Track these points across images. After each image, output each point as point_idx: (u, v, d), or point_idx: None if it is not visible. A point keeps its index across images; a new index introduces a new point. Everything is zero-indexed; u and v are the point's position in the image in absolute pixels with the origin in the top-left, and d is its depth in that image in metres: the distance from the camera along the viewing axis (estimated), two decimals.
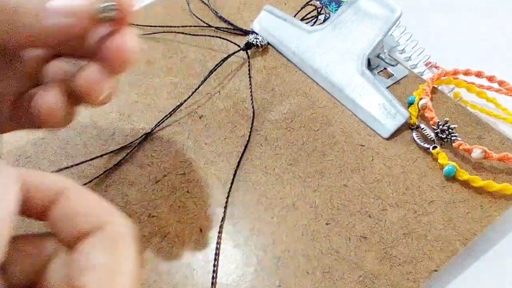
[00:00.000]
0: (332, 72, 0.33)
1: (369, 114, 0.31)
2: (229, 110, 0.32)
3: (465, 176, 0.27)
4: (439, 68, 0.35)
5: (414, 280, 0.23)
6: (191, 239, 0.25)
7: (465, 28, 0.40)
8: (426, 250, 0.24)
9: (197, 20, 0.40)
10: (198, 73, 0.35)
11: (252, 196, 0.27)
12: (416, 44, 0.36)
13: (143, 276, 0.24)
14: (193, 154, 0.30)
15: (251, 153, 0.29)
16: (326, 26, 0.34)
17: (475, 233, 0.25)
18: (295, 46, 0.35)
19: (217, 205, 0.27)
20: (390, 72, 0.34)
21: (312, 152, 0.29)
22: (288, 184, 0.28)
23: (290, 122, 0.31)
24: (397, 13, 0.31)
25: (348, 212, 0.26)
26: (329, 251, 0.25)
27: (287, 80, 0.34)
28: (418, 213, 0.26)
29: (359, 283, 0.23)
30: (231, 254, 0.25)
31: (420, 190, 0.27)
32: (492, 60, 0.36)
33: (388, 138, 0.30)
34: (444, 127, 0.29)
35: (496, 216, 0.26)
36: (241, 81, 0.34)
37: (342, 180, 0.28)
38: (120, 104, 0.33)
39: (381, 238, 0.25)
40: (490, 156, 0.27)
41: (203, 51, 0.37)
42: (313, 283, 0.23)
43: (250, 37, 0.36)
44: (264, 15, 0.38)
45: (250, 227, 0.26)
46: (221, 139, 0.30)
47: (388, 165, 0.28)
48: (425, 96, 0.31)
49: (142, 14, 0.40)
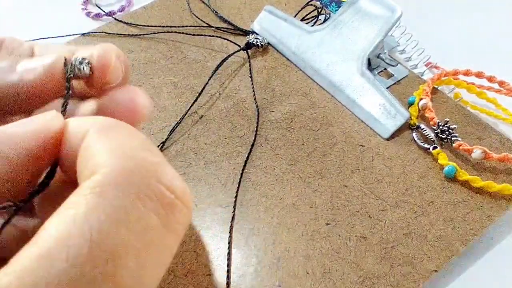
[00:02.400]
0: (333, 72, 0.33)
1: (369, 115, 0.31)
2: (229, 110, 0.32)
3: (465, 176, 0.27)
4: (439, 69, 0.35)
5: (414, 280, 0.23)
6: (191, 239, 0.25)
7: (465, 28, 0.40)
8: (426, 250, 0.24)
9: (197, 20, 0.40)
10: (198, 73, 0.35)
11: (252, 196, 0.27)
12: (416, 45, 0.36)
13: None
14: (193, 154, 0.30)
15: (251, 153, 0.29)
16: (326, 27, 0.34)
17: (475, 233, 0.25)
18: (295, 46, 0.35)
19: (217, 205, 0.27)
20: (390, 72, 0.34)
21: (312, 152, 0.29)
22: (288, 184, 0.28)
23: (290, 122, 0.31)
24: (398, 13, 0.31)
25: (348, 212, 0.26)
26: (329, 251, 0.25)
27: (287, 80, 0.34)
28: (418, 213, 0.26)
29: (359, 283, 0.23)
30: (231, 254, 0.25)
31: (420, 190, 0.27)
32: (492, 61, 0.36)
33: (388, 139, 0.30)
34: (444, 127, 0.29)
35: (496, 217, 0.26)
36: (241, 81, 0.34)
37: (342, 180, 0.28)
38: None
39: (381, 238, 0.25)
40: (490, 156, 0.27)
41: (203, 51, 0.37)
42: (313, 283, 0.23)
43: (250, 37, 0.36)
44: (264, 15, 0.38)
45: (250, 227, 0.26)
46: (221, 139, 0.30)
47: (388, 166, 0.28)
48: (425, 97, 0.31)
49: (142, 14, 0.40)
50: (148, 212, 0.11)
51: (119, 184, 0.11)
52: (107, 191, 0.11)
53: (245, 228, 0.26)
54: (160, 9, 0.41)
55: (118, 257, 0.10)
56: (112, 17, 0.41)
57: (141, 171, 0.11)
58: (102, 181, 0.11)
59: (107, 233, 0.10)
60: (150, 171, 0.12)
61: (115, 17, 0.40)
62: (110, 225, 0.10)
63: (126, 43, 0.38)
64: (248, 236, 0.25)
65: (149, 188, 0.11)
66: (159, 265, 0.11)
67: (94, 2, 0.44)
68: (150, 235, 0.11)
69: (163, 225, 0.11)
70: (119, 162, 0.11)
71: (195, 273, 0.24)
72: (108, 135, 0.12)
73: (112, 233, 0.10)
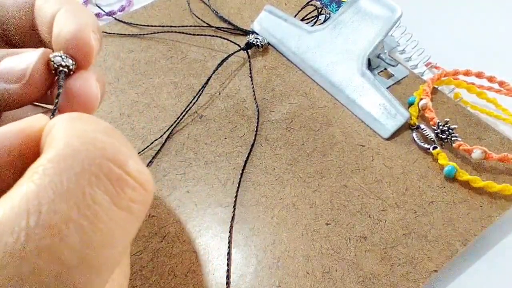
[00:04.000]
0: (333, 72, 0.33)
1: (369, 115, 0.31)
2: (229, 110, 0.32)
3: (465, 176, 0.27)
4: (439, 69, 0.35)
5: (414, 280, 0.23)
6: (191, 239, 0.25)
7: (465, 28, 0.40)
8: (426, 251, 0.24)
9: (197, 20, 0.40)
10: (198, 73, 0.35)
11: (252, 196, 0.27)
12: (416, 45, 0.36)
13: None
14: (193, 154, 0.30)
15: (251, 153, 0.29)
16: (326, 27, 0.34)
17: (475, 233, 0.25)
18: (296, 46, 0.35)
19: (217, 205, 0.27)
20: (391, 72, 0.34)
21: (312, 152, 0.29)
22: (288, 184, 0.28)
23: (290, 122, 0.31)
24: (398, 13, 0.31)
25: (348, 212, 0.26)
26: (329, 251, 0.25)
27: (287, 80, 0.34)
28: (418, 214, 0.26)
29: (359, 284, 0.23)
30: (231, 254, 0.25)
31: (420, 190, 0.27)
32: (492, 61, 0.36)
33: (388, 139, 0.30)
34: (444, 127, 0.29)
35: (496, 217, 0.26)
36: (241, 81, 0.34)
37: (342, 180, 0.28)
38: (120, 104, 0.33)
39: (381, 239, 0.25)
40: (490, 156, 0.27)
41: (203, 51, 0.37)
42: (313, 283, 0.23)
43: (250, 37, 0.36)
44: (265, 15, 0.38)
45: (250, 227, 0.26)
46: (221, 139, 0.30)
47: (388, 166, 0.28)
48: (425, 97, 0.31)
49: (142, 14, 0.40)
50: (93, 188, 0.11)
51: (63, 161, 0.11)
52: (48, 169, 0.11)
53: (245, 228, 0.26)
54: (160, 9, 0.41)
55: (59, 232, 0.10)
56: (112, 17, 0.41)
57: (88, 149, 0.11)
58: (49, 158, 0.11)
59: (45, 209, 0.10)
60: (98, 149, 0.12)
61: (115, 17, 0.40)
62: (48, 201, 0.10)
63: (126, 43, 0.38)
64: (248, 236, 0.25)
65: (94, 164, 0.11)
66: (110, 246, 0.11)
67: (94, 2, 0.44)
68: (97, 211, 0.11)
69: (113, 202, 0.11)
70: (67, 141, 0.12)
71: (195, 273, 0.24)
72: (71, 122, 0.13)
73: (50, 208, 0.10)
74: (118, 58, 0.36)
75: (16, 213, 0.10)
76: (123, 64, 0.36)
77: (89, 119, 0.13)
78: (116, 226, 0.11)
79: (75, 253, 0.10)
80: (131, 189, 0.12)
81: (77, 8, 0.17)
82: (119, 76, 0.35)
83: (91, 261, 0.10)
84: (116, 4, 0.44)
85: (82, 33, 0.16)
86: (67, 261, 0.10)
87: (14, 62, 0.16)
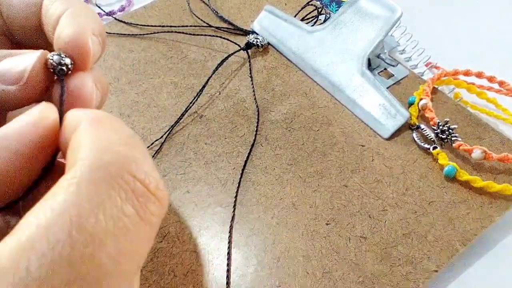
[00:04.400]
0: (333, 72, 0.33)
1: (369, 115, 0.31)
2: (229, 110, 0.32)
3: (465, 176, 0.27)
4: (440, 69, 0.35)
5: (414, 280, 0.23)
6: (191, 239, 0.25)
7: (465, 28, 0.40)
8: (426, 251, 0.24)
9: (197, 20, 0.40)
10: (198, 73, 0.35)
11: (252, 196, 0.27)
12: (416, 45, 0.36)
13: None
14: (193, 154, 0.30)
15: (251, 153, 0.29)
16: (326, 27, 0.34)
17: (475, 233, 0.25)
18: (296, 46, 0.35)
19: (217, 205, 0.27)
20: (391, 72, 0.34)
21: (312, 152, 0.29)
22: (288, 184, 0.28)
23: (290, 122, 0.31)
24: (398, 13, 0.31)
25: (348, 212, 0.26)
26: (329, 251, 0.25)
27: (287, 80, 0.34)
28: (418, 214, 0.26)
29: (359, 284, 0.23)
30: (231, 254, 0.25)
31: (420, 190, 0.27)
32: (492, 61, 0.36)
33: (388, 139, 0.30)
34: (444, 127, 0.29)
35: (496, 217, 0.26)
36: (241, 81, 0.34)
37: (342, 180, 0.28)
38: (120, 104, 0.33)
39: (381, 239, 0.25)
40: (490, 156, 0.27)
41: (203, 51, 0.37)
42: (313, 283, 0.23)
43: (250, 37, 0.36)
44: (265, 15, 0.38)
45: (250, 227, 0.26)
46: (221, 139, 0.30)
47: (388, 166, 0.28)
48: (425, 97, 0.31)
49: (142, 14, 0.40)
50: (123, 202, 0.12)
51: (94, 175, 0.12)
52: (83, 182, 0.12)
53: (245, 228, 0.26)
54: (160, 9, 0.41)
55: (97, 241, 0.11)
56: (112, 16, 0.41)
57: (116, 164, 0.12)
58: (79, 173, 0.12)
59: (85, 219, 0.11)
60: (124, 164, 0.12)
61: (115, 17, 0.40)
62: (87, 212, 0.11)
63: (126, 43, 0.38)
64: (248, 236, 0.25)
65: (122, 180, 0.12)
66: (137, 253, 0.12)
67: (94, 2, 0.44)
68: (127, 223, 0.12)
69: (138, 215, 0.12)
70: (96, 155, 0.12)
71: (195, 273, 0.24)
72: (95, 128, 0.13)
73: (90, 219, 0.11)
74: (118, 58, 0.36)
75: (60, 223, 0.11)
76: (123, 64, 0.36)
77: (111, 124, 0.14)
78: (142, 236, 0.12)
79: (111, 260, 0.11)
80: (151, 203, 0.13)
81: (80, 10, 0.17)
82: (119, 76, 0.35)
83: (123, 268, 0.12)
84: (116, 4, 0.44)
85: (80, 36, 0.16)
86: (104, 266, 0.11)
87: (13, 63, 0.16)
